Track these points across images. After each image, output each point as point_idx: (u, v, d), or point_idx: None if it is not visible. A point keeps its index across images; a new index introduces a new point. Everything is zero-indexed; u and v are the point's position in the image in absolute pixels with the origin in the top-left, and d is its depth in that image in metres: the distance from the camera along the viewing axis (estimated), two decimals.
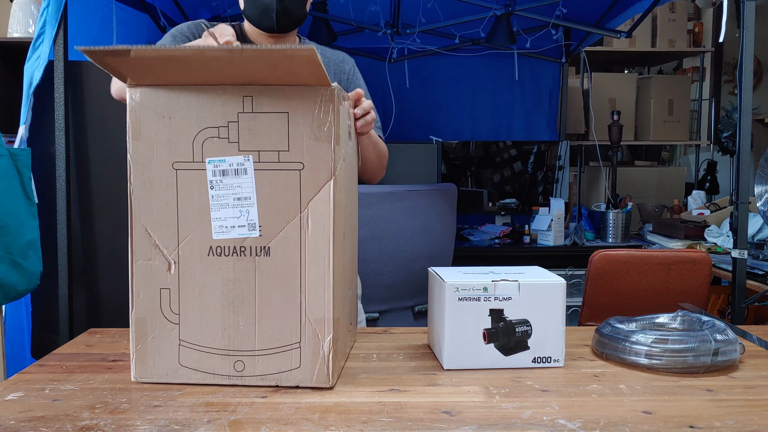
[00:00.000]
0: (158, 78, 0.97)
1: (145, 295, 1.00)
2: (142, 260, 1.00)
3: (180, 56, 0.91)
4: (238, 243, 0.98)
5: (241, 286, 0.98)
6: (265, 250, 0.98)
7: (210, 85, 0.97)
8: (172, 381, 1.00)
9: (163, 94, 0.98)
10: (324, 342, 0.98)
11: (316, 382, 0.98)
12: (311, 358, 0.98)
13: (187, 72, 0.95)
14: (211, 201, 0.98)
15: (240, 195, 0.98)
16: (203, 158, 0.98)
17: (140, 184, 0.99)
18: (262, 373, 0.99)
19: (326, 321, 0.98)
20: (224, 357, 0.99)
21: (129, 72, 0.96)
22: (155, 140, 0.98)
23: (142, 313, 1.00)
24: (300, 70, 0.92)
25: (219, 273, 0.99)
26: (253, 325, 0.99)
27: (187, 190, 0.98)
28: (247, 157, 0.97)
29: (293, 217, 0.97)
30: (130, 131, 0.99)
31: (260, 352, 0.99)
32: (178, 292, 0.99)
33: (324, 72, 0.92)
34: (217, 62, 0.92)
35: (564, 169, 3.89)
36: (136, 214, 0.99)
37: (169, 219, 0.99)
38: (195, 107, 0.98)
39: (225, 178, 0.98)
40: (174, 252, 0.99)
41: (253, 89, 0.97)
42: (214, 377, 0.99)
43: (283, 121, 0.97)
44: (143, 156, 0.99)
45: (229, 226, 0.98)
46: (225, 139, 0.97)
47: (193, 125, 0.98)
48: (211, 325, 0.99)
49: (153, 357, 1.00)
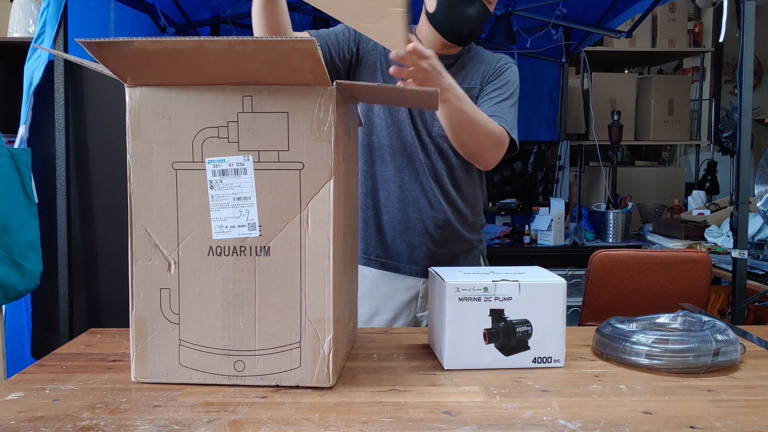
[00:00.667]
0: (158, 76, 0.96)
1: (145, 295, 1.00)
2: (142, 260, 0.99)
3: (182, 49, 0.90)
4: (238, 243, 0.98)
5: (241, 285, 0.98)
6: (265, 249, 0.98)
7: (210, 84, 0.97)
8: (173, 381, 1.00)
9: (162, 94, 0.98)
10: (324, 342, 0.98)
11: (317, 381, 0.98)
12: (311, 358, 0.98)
13: (188, 69, 0.94)
14: (210, 201, 0.98)
15: (240, 195, 0.98)
16: (203, 158, 0.97)
17: (140, 184, 0.99)
18: (262, 373, 0.99)
19: (326, 321, 0.98)
20: (224, 357, 0.99)
21: (129, 69, 0.95)
22: (155, 140, 0.98)
23: (142, 313, 1.00)
24: (300, 66, 0.91)
25: (219, 273, 0.99)
26: (253, 325, 0.99)
27: (186, 190, 0.98)
28: (246, 157, 0.97)
29: (293, 217, 0.97)
30: (129, 131, 0.98)
31: (260, 352, 0.99)
32: (178, 292, 0.99)
33: (324, 70, 0.92)
34: (217, 55, 0.91)
35: (564, 169, 3.89)
36: (136, 214, 0.99)
37: (169, 219, 0.99)
38: (194, 107, 0.97)
39: (225, 178, 0.98)
40: (174, 252, 0.99)
41: (252, 89, 0.97)
42: (215, 377, 0.99)
43: (282, 121, 0.96)
44: (143, 156, 0.98)
45: (228, 226, 0.98)
46: (225, 139, 0.97)
47: (192, 125, 0.97)
48: (211, 325, 0.99)
49: (153, 357, 1.00)
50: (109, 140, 2.24)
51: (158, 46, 0.89)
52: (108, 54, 0.92)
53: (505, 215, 3.90)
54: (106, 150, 2.25)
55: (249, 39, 0.87)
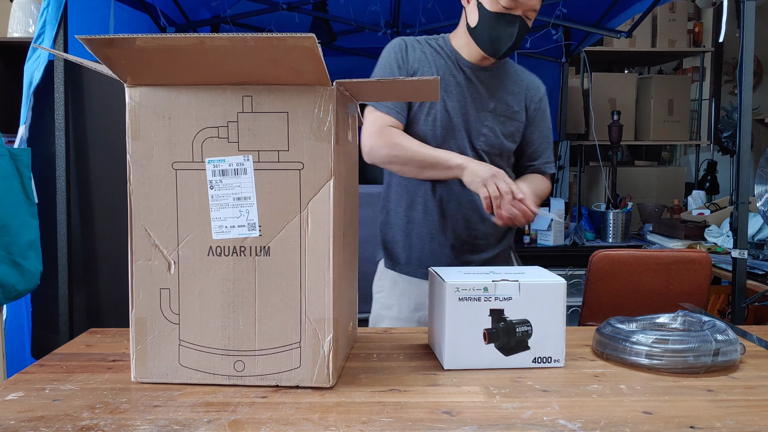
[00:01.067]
0: (159, 76, 0.96)
1: (145, 295, 1.00)
2: (141, 260, 0.99)
3: (182, 46, 0.90)
4: (238, 243, 0.98)
5: (241, 285, 0.98)
6: (265, 249, 0.98)
7: (210, 84, 0.97)
8: (173, 381, 1.00)
9: (162, 94, 0.98)
10: (324, 342, 0.98)
11: (317, 381, 0.98)
12: (311, 357, 0.98)
13: (188, 68, 0.94)
14: (210, 201, 0.98)
15: (240, 195, 0.98)
16: (203, 158, 0.97)
17: (140, 184, 0.99)
18: (262, 373, 0.99)
19: (326, 321, 0.98)
20: (224, 357, 0.99)
21: (130, 68, 0.95)
22: (155, 140, 0.98)
23: (142, 313, 1.00)
24: (300, 65, 0.91)
25: (219, 273, 0.98)
26: (253, 325, 0.98)
27: (186, 190, 0.98)
28: (246, 157, 0.97)
29: (293, 217, 0.97)
30: (129, 131, 0.98)
31: (260, 352, 0.99)
32: (178, 292, 0.99)
33: (324, 69, 0.91)
34: (217, 52, 0.91)
35: (564, 169, 3.89)
36: (136, 214, 0.99)
37: (168, 219, 0.99)
38: (194, 107, 0.97)
39: (225, 178, 0.97)
40: (174, 252, 0.99)
41: (253, 89, 0.96)
42: (215, 377, 0.99)
43: (282, 121, 0.96)
44: (143, 156, 0.98)
45: (228, 226, 0.98)
46: (225, 139, 0.97)
47: (192, 125, 0.97)
48: (211, 325, 0.99)
49: (153, 357, 1.00)
50: (109, 140, 2.24)
51: (159, 42, 0.89)
52: (111, 52, 0.92)
53: None
54: (106, 150, 2.25)
55: (249, 36, 0.87)
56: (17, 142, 2.15)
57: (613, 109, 3.97)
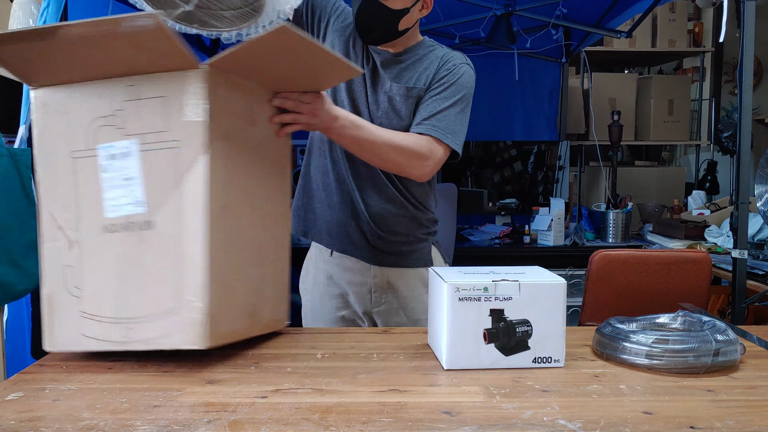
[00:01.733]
0: (56, 77, 1.08)
1: (52, 272, 1.10)
2: (49, 242, 1.10)
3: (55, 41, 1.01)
4: (127, 219, 1.07)
5: (130, 259, 1.07)
6: (150, 224, 1.06)
7: (101, 79, 1.07)
8: (77, 349, 1.11)
9: (61, 92, 1.09)
10: (199, 306, 1.03)
11: (192, 343, 1.03)
12: (190, 322, 1.03)
13: (78, 66, 1.05)
14: (103, 183, 1.07)
15: (128, 176, 1.07)
16: (95, 145, 1.07)
17: (45, 174, 1.10)
18: (146, 338, 1.05)
19: (201, 287, 1.03)
20: (116, 325, 1.07)
21: (29, 72, 1.08)
22: (55, 134, 1.09)
23: (50, 289, 1.10)
24: (163, 47, 0.98)
25: (112, 248, 1.07)
26: (139, 294, 1.06)
27: (84, 175, 1.08)
28: (132, 141, 1.06)
29: (173, 192, 1.04)
30: (35, 128, 1.10)
31: (144, 319, 1.06)
32: (80, 268, 1.08)
33: (180, 49, 0.99)
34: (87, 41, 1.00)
35: (564, 169, 3.89)
36: (43, 201, 1.10)
37: (69, 203, 1.09)
38: (87, 101, 1.08)
39: (114, 162, 1.07)
40: (74, 232, 1.09)
41: (136, 79, 1.06)
42: (108, 344, 1.07)
43: (162, 105, 1.05)
44: (46, 149, 1.10)
45: (119, 204, 1.07)
46: (113, 126, 1.07)
47: (86, 117, 1.08)
48: (105, 297, 1.08)
49: (60, 328, 1.09)
50: None
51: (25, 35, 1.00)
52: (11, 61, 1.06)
53: (505, 215, 3.90)
54: None
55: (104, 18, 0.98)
56: (17, 142, 2.15)
57: (613, 109, 3.96)
